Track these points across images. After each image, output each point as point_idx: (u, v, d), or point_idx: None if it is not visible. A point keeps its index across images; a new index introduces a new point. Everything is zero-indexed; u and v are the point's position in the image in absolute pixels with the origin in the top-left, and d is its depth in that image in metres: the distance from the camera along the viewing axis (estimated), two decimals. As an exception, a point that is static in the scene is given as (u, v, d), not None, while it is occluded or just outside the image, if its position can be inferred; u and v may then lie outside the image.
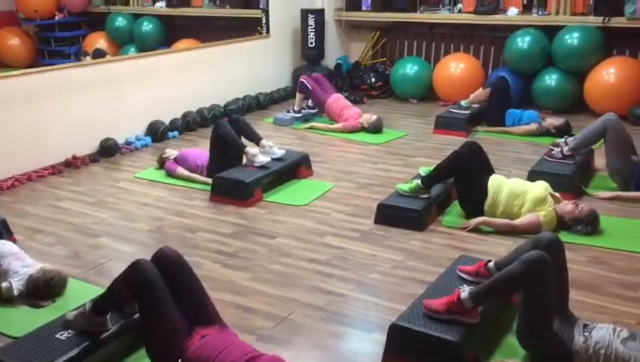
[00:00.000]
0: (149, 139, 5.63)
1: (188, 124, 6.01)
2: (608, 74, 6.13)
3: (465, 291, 2.47)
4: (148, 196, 4.40)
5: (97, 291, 2.73)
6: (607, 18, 6.25)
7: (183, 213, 4.10)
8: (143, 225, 3.93)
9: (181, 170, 4.66)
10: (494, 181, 3.80)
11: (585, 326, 2.43)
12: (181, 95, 6.07)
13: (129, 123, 5.59)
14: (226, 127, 4.47)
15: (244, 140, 4.56)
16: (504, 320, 2.77)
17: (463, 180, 3.88)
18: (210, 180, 4.41)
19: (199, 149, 4.89)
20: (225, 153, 4.52)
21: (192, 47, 7.26)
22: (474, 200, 3.82)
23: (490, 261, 2.77)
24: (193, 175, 4.61)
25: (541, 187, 3.72)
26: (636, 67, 6.17)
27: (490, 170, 3.95)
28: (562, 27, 6.45)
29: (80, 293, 2.96)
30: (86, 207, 4.22)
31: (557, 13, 6.59)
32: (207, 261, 3.39)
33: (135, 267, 2.37)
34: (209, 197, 4.30)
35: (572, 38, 6.31)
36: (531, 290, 2.40)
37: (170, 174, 4.69)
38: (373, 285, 3.15)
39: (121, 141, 5.44)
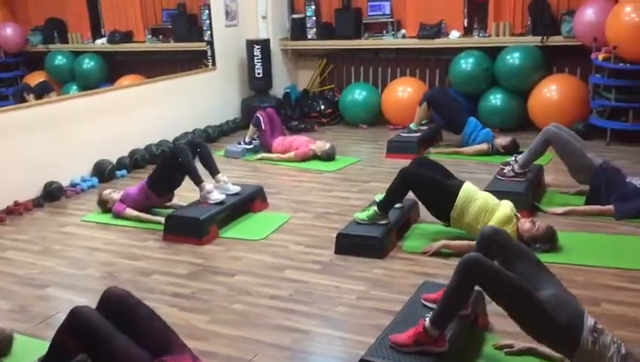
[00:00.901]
0: (95, 180, 5.43)
1: (136, 161, 5.84)
2: (550, 91, 6.31)
3: (427, 319, 2.43)
4: (96, 240, 4.21)
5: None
6: (545, 37, 6.46)
7: (135, 255, 3.93)
8: (93, 271, 3.74)
9: (130, 211, 4.48)
10: (469, 188, 3.78)
11: (595, 324, 2.34)
12: (127, 132, 5.90)
13: (74, 164, 5.37)
14: (188, 156, 4.33)
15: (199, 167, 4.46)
16: (473, 346, 2.73)
17: (420, 190, 3.86)
18: (162, 219, 4.26)
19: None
20: (174, 175, 4.40)
21: (136, 83, 7.10)
22: (439, 205, 3.81)
23: (454, 286, 2.74)
24: (143, 214, 4.45)
25: (508, 207, 3.72)
26: (576, 83, 6.37)
27: (451, 176, 3.97)
28: (503, 48, 6.62)
29: (29, 351, 2.76)
30: (31, 256, 3.99)
31: (497, 34, 6.77)
32: (164, 305, 3.23)
33: (74, 313, 2.27)
34: (162, 236, 4.15)
35: (513, 58, 6.48)
36: (487, 288, 2.37)
37: (119, 216, 4.52)
38: (338, 319, 3.06)
39: (65, 183, 5.22)
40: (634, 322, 2.87)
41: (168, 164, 4.41)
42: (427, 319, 2.42)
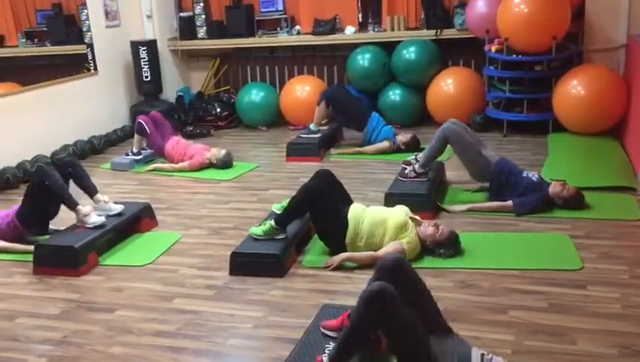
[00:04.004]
0: (-42, 206, 4.79)
1: (7, 181, 5.21)
2: (447, 85, 6.26)
3: (325, 357, 2.18)
4: (-47, 279, 3.65)
5: None
6: (439, 31, 6.41)
7: None
8: (-54, 319, 3.21)
9: (-9, 241, 3.94)
10: (355, 211, 3.55)
11: (482, 356, 2.20)
12: (-3, 148, 5.28)
13: None
14: (55, 177, 3.83)
15: (74, 189, 3.97)
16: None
17: (319, 213, 3.58)
18: (32, 248, 3.74)
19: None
20: (47, 206, 3.90)
21: (9, 91, 6.40)
22: (334, 233, 3.55)
23: (355, 310, 2.50)
24: (11, 245, 3.90)
25: (401, 212, 3.54)
26: (471, 76, 6.36)
27: (348, 200, 3.72)
28: (399, 42, 6.51)
29: None
30: None
31: (392, 29, 6.65)
32: (30, 356, 2.78)
33: None
34: (32, 269, 3.65)
35: (409, 53, 6.38)
36: (385, 324, 2.16)
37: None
38: (233, 354, 2.74)
39: None
40: (543, 330, 2.74)
41: (36, 193, 3.86)
42: (325, 356, 2.16)
